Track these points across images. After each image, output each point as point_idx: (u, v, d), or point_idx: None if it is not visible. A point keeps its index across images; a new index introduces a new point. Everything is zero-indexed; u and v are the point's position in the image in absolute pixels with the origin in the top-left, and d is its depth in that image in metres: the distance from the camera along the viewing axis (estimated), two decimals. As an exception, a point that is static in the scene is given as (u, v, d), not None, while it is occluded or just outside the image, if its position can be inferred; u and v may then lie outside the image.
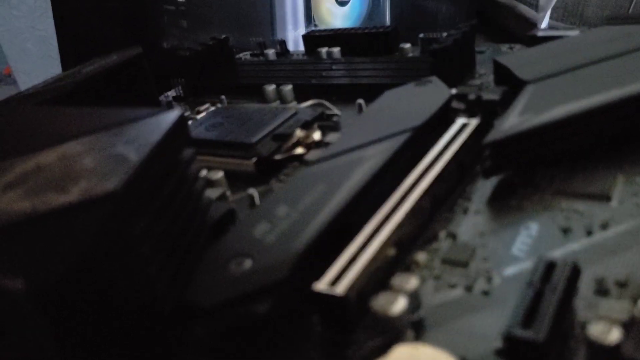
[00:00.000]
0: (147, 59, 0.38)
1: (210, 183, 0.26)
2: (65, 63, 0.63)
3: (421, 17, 0.77)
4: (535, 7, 0.62)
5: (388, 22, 0.77)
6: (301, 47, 0.47)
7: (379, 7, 0.77)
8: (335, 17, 0.76)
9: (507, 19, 0.65)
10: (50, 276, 0.15)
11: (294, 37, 0.68)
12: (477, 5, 0.73)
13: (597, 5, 0.67)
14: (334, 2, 0.88)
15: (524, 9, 0.63)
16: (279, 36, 0.66)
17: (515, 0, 0.63)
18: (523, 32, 0.47)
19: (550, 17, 0.66)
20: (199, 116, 0.35)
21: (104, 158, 0.18)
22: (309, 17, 0.71)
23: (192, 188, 0.21)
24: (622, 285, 0.17)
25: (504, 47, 0.38)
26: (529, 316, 0.15)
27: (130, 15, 0.59)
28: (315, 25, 0.71)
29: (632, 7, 0.64)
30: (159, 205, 0.18)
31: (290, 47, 0.48)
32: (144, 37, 0.54)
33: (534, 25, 0.60)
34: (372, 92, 0.30)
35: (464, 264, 0.19)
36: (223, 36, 0.43)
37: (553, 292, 0.16)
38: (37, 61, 0.80)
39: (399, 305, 0.16)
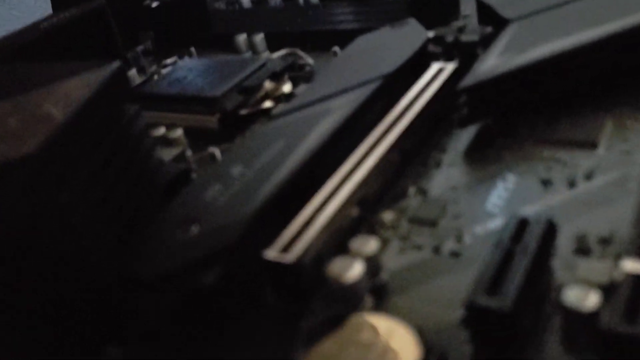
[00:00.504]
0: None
1: (168, 142, 0.24)
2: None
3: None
4: None
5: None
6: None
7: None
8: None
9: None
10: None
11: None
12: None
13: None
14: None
15: None
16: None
17: None
18: None
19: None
20: (164, 70, 0.33)
21: (28, 118, 0.16)
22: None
23: (137, 148, 0.19)
24: (604, 242, 0.15)
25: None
26: (495, 281, 0.13)
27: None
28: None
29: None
30: (92, 168, 0.17)
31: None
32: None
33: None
34: (349, 38, 0.28)
35: (433, 223, 0.18)
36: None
37: (524, 254, 0.14)
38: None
39: (355, 271, 0.15)
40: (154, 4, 0.38)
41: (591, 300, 0.13)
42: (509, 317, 0.13)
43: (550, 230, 0.15)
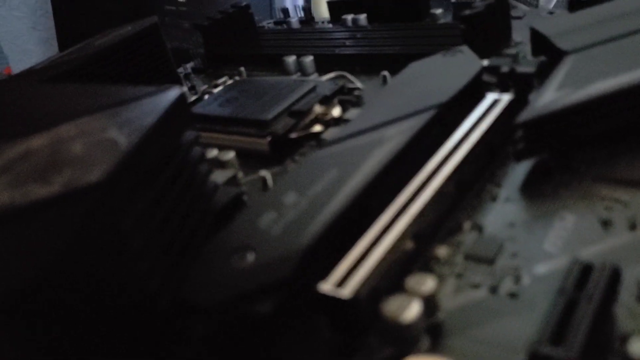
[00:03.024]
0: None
1: (221, 164, 0.24)
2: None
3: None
4: (535, 7, 0.59)
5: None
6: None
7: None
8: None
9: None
10: (21, 280, 0.14)
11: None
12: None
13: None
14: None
15: (524, 9, 0.60)
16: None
17: (515, 0, 0.60)
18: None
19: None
20: (216, 90, 0.33)
21: (93, 143, 0.17)
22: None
23: (194, 173, 0.20)
24: (670, 290, 0.15)
25: (544, 13, 0.35)
26: (560, 330, 0.13)
27: (131, 16, 0.58)
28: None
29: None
30: (153, 195, 0.17)
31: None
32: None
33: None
34: (398, 63, 0.28)
35: (490, 261, 0.17)
36: (244, 3, 0.41)
37: (589, 302, 0.14)
38: (38, 61, 0.82)
39: (412, 311, 0.15)
40: (205, 23, 0.39)
41: (659, 354, 0.13)
42: (574, 368, 0.12)
43: (614, 278, 0.14)
